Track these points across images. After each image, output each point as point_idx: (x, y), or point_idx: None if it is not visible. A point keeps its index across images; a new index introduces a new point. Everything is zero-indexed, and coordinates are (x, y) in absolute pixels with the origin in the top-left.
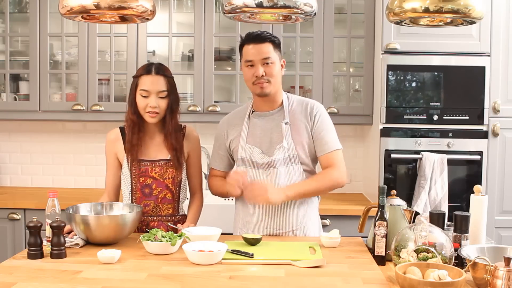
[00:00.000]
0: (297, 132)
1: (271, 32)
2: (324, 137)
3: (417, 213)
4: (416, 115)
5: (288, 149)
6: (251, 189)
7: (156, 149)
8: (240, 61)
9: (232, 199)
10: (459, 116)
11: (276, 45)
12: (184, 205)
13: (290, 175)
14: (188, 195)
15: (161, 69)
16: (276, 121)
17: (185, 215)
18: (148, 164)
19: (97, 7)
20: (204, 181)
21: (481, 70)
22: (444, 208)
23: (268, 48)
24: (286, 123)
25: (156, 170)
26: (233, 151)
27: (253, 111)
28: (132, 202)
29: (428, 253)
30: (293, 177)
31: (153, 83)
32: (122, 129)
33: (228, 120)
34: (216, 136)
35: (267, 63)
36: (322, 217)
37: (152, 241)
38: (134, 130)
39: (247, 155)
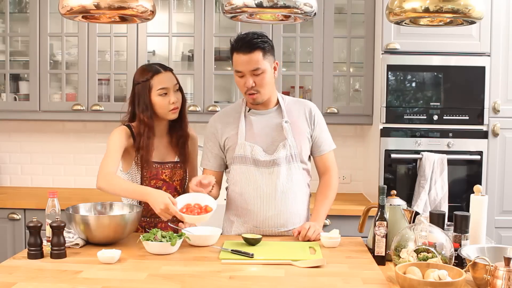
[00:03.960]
0: (297, 131)
1: (261, 34)
2: (322, 139)
3: (417, 213)
4: (416, 115)
5: (291, 147)
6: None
7: (164, 151)
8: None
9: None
10: (459, 116)
11: (267, 50)
12: None
13: (291, 174)
14: None
15: (166, 66)
16: (275, 120)
17: None
18: (159, 166)
19: (97, 7)
20: None
21: (481, 70)
22: (444, 208)
23: (257, 57)
24: (286, 122)
25: (166, 173)
26: (228, 150)
27: (249, 110)
28: (140, 204)
29: (428, 253)
30: (293, 176)
31: (167, 79)
32: (129, 127)
33: (220, 119)
34: (208, 136)
35: (257, 74)
36: None
37: (152, 241)
38: (150, 135)
39: (248, 153)
